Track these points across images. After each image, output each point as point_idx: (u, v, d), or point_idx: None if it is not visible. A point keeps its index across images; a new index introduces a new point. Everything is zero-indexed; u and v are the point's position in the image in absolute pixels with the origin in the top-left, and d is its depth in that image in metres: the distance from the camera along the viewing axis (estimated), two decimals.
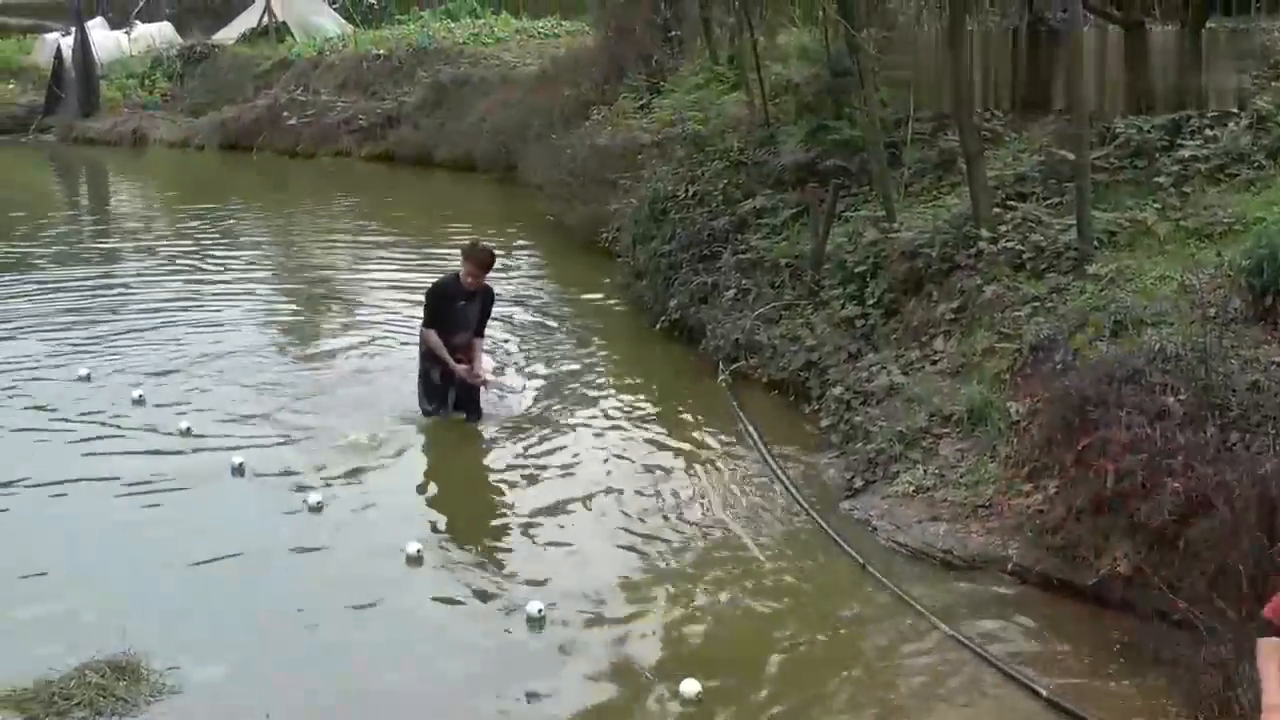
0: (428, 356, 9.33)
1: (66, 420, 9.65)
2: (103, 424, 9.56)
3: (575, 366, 11.21)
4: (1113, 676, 5.74)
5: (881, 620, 6.46)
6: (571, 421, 9.60)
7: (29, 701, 5.58)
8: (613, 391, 10.46)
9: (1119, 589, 6.12)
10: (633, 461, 8.72)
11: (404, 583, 7.00)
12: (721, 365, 10.44)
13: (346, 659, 6.20)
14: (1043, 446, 6.95)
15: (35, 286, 14.88)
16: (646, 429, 9.46)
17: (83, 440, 9.21)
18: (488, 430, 9.37)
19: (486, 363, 9.84)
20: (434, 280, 9.69)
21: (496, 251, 9.69)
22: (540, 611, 6.45)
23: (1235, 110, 9.54)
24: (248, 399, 10.20)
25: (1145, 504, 6.06)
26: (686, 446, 9.04)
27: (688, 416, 9.74)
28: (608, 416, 9.76)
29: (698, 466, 8.64)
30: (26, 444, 9.17)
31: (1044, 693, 5.48)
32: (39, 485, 8.36)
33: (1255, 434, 5.98)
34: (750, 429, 9.16)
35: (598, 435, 9.32)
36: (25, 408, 10.01)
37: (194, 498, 8.14)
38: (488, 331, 9.89)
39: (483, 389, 9.54)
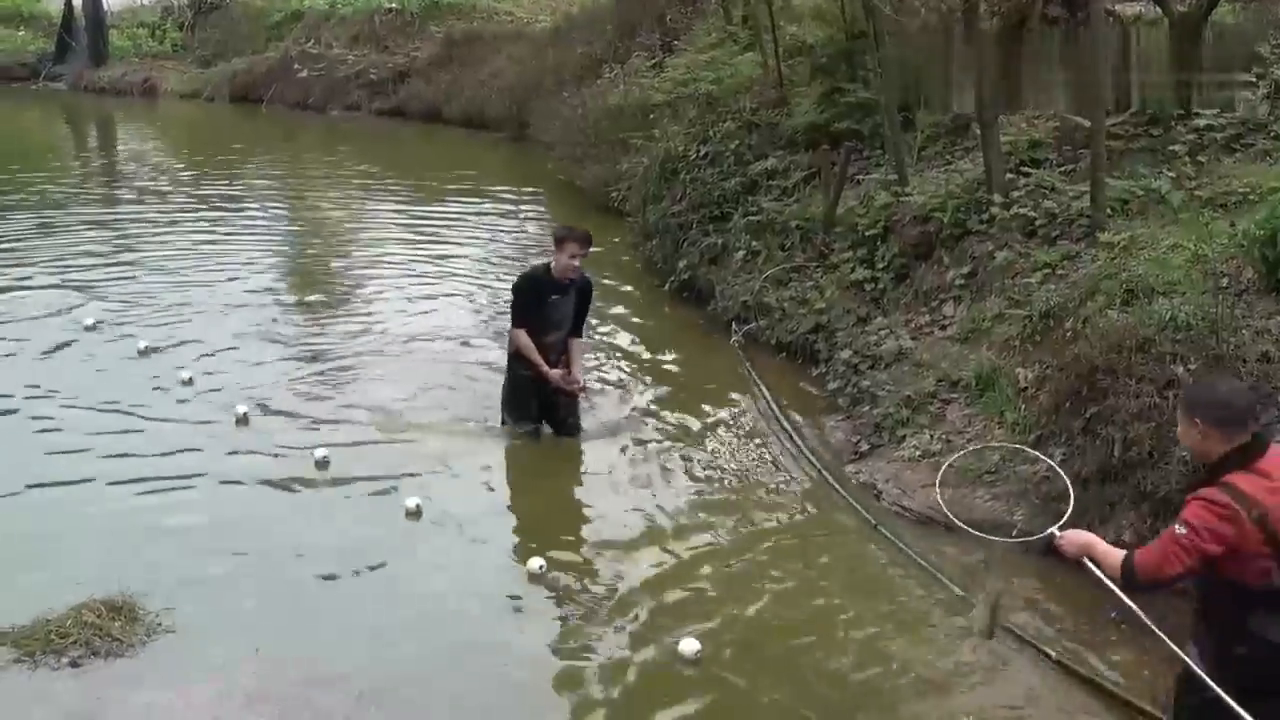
0: (517, 359, 8.19)
1: (73, 371, 9.69)
2: (107, 374, 9.60)
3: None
4: (1115, 644, 5.75)
5: (889, 582, 6.48)
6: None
7: (26, 639, 5.65)
8: (620, 351, 10.45)
9: None
10: (639, 422, 8.71)
11: (404, 536, 7.01)
12: (735, 326, 10.43)
13: (341, 602, 6.24)
14: (1051, 414, 6.94)
15: (44, 235, 14.91)
16: (653, 389, 9.46)
17: (88, 391, 9.20)
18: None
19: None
20: (521, 273, 8.70)
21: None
22: (541, 567, 6.47)
23: (1253, 80, 9.47)
24: (252, 352, 10.23)
25: (1152, 473, 6.07)
26: (693, 406, 9.04)
27: (696, 376, 9.74)
28: (615, 375, 9.77)
29: (704, 427, 8.65)
30: (32, 394, 9.15)
31: (1053, 654, 5.50)
32: (37, 432, 8.41)
33: (1265, 405, 5.95)
34: (763, 389, 9.16)
35: (604, 394, 9.31)
36: (32, 358, 10.05)
37: (195, 449, 8.14)
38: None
39: (581, 397, 8.52)
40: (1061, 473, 5.13)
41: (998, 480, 7.01)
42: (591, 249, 8.16)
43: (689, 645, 5.70)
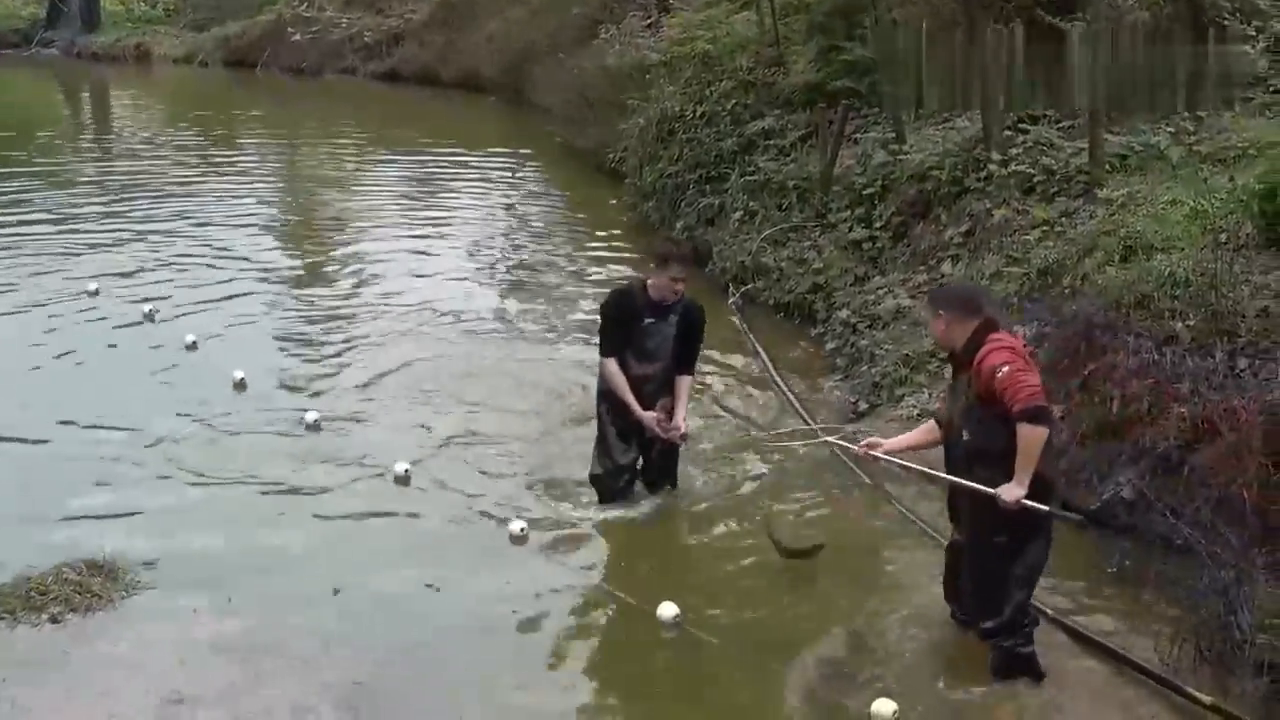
0: (606, 398, 6.82)
1: (75, 334, 9.69)
2: (109, 338, 9.61)
3: (580, 290, 11.18)
4: (1113, 599, 5.76)
5: (887, 540, 6.46)
6: (572, 345, 9.55)
7: (6, 597, 5.70)
8: None
9: (1122, 514, 6.12)
10: None
11: (390, 499, 6.97)
12: (732, 288, 10.39)
13: (319, 560, 6.27)
14: (1049, 371, 6.90)
15: (42, 204, 14.86)
16: None
17: (90, 354, 9.24)
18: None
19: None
20: (611, 290, 7.27)
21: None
22: (523, 530, 6.42)
23: (1252, 34, 9.41)
24: (253, 316, 10.28)
25: (1151, 429, 6.05)
26: None
27: None
28: None
29: (700, 388, 8.60)
30: (33, 355, 9.17)
31: (1049, 612, 5.50)
32: (33, 389, 8.45)
33: (1264, 360, 5.95)
34: (761, 351, 9.13)
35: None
36: (32, 318, 10.07)
37: (195, 409, 8.14)
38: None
39: (681, 444, 6.91)
40: None
41: None
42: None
43: (668, 609, 5.66)
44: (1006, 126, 9.37)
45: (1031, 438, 4.78)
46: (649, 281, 6.67)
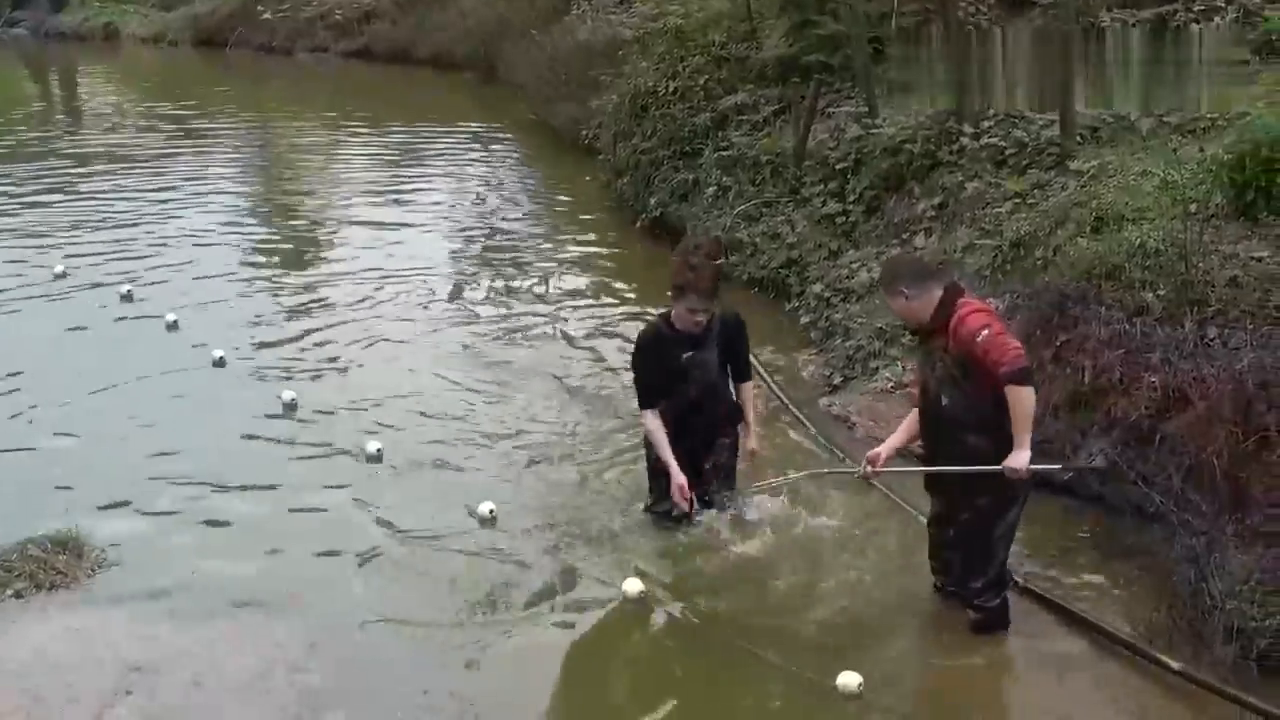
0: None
1: (54, 314, 9.69)
2: (87, 317, 9.60)
3: (554, 266, 11.16)
4: (1085, 568, 5.80)
5: (862, 514, 6.48)
6: (547, 323, 9.56)
7: None
8: (591, 291, 10.42)
9: (1094, 484, 6.17)
10: (606, 364, 8.62)
11: (361, 478, 6.93)
12: None
13: (287, 535, 6.26)
14: (1022, 343, 6.93)
15: (10, 184, 14.75)
16: (624, 329, 9.39)
17: (70, 333, 9.25)
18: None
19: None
20: (638, 334, 6.38)
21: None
22: (491, 512, 6.39)
23: (1222, 4, 9.44)
24: (232, 295, 10.26)
25: (1122, 399, 6.09)
26: None
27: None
28: (585, 317, 9.73)
29: None
30: (15, 338, 9.16)
31: (1020, 581, 5.53)
32: (19, 373, 8.39)
33: (1233, 329, 5.98)
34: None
35: (573, 336, 9.29)
36: (12, 303, 10.04)
37: (169, 390, 8.14)
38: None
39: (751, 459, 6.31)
40: None
41: None
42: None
43: (632, 585, 5.66)
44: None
45: (1025, 399, 4.89)
46: (671, 313, 6.02)
